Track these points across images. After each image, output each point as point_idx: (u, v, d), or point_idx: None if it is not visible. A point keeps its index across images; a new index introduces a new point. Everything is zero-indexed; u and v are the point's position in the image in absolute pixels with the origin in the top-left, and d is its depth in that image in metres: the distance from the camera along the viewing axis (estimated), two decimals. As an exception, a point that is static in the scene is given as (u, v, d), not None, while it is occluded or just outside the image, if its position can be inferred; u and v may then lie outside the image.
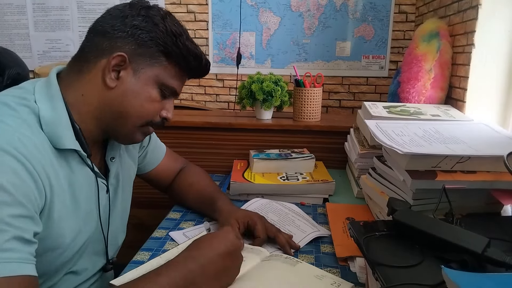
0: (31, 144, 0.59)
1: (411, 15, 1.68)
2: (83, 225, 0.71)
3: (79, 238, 0.70)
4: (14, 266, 0.52)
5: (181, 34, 0.71)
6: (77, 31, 1.84)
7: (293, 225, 0.90)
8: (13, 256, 0.52)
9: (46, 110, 0.64)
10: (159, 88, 0.72)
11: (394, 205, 0.63)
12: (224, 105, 1.84)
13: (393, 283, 0.48)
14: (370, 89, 1.76)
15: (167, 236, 0.88)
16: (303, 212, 0.97)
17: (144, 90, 0.70)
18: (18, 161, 0.56)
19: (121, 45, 0.68)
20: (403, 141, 0.80)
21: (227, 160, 1.35)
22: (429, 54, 1.14)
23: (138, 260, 0.79)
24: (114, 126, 0.72)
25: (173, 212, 1.02)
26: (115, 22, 0.69)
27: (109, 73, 0.68)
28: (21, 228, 0.54)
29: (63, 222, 0.65)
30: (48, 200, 0.61)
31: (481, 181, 0.70)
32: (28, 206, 0.56)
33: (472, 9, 1.05)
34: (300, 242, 0.83)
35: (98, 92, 0.69)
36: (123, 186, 0.84)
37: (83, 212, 0.71)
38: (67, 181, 0.67)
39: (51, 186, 0.62)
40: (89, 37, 0.71)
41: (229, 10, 1.74)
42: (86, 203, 0.72)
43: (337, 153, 1.31)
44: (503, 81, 1.01)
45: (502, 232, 0.61)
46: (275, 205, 1.00)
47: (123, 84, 0.69)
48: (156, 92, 0.72)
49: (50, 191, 0.62)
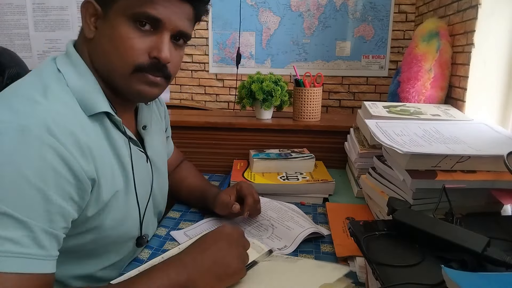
0: (69, 122, 0.57)
1: (411, 15, 1.68)
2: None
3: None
4: (31, 262, 0.51)
5: None
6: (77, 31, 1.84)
7: (292, 221, 0.90)
8: (26, 252, 0.51)
9: (74, 79, 0.63)
10: (132, 21, 0.63)
11: (394, 205, 0.63)
12: (224, 105, 1.84)
13: (393, 283, 0.48)
14: (370, 89, 1.76)
15: (167, 235, 0.88)
16: (302, 212, 0.97)
17: (115, 29, 0.63)
18: (49, 147, 0.53)
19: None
20: (403, 140, 0.80)
21: (227, 160, 1.35)
22: (429, 54, 1.14)
23: (138, 259, 0.79)
24: (111, 81, 0.67)
25: (173, 211, 1.02)
26: None
27: (86, 24, 0.65)
28: (41, 223, 0.53)
29: (115, 199, 0.65)
30: (96, 177, 0.60)
31: (481, 181, 0.70)
32: (55, 198, 0.54)
33: (471, 8, 1.05)
34: (298, 236, 0.84)
35: (85, 48, 0.67)
36: (160, 157, 0.84)
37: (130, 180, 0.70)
38: (107, 151, 0.65)
39: (95, 163, 0.60)
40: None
41: (229, 10, 1.73)
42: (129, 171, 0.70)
43: (337, 153, 1.31)
44: (503, 80, 1.01)
45: (502, 232, 0.61)
46: (275, 203, 1.00)
47: (100, 31, 0.65)
48: (128, 26, 0.63)
49: (95, 169, 0.60)
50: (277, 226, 0.89)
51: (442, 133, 0.86)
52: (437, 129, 0.88)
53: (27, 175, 0.51)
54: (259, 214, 0.93)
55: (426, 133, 0.85)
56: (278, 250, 0.81)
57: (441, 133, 0.86)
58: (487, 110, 1.03)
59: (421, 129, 0.88)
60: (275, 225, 0.89)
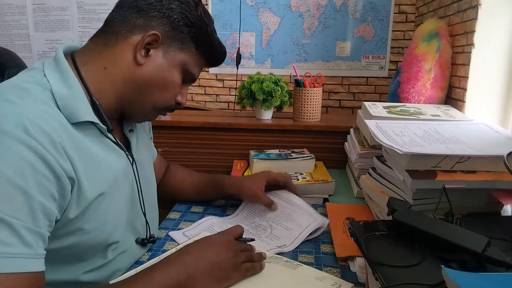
0: (44, 123, 0.56)
1: (411, 15, 1.68)
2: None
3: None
4: (19, 262, 0.51)
5: (210, 23, 0.74)
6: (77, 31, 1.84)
7: (290, 221, 0.89)
8: (12, 251, 0.50)
9: (58, 85, 0.63)
10: (182, 73, 0.73)
11: (394, 205, 0.63)
12: (224, 105, 1.84)
13: (393, 283, 0.48)
14: (370, 89, 1.76)
15: (167, 236, 0.88)
16: (303, 201, 0.95)
17: (170, 73, 0.71)
18: (26, 146, 0.53)
19: (156, 24, 0.69)
20: (403, 141, 0.80)
21: (227, 160, 1.35)
22: (429, 54, 1.14)
23: (137, 260, 0.79)
24: (133, 103, 0.72)
25: (173, 212, 1.02)
26: (151, 1, 0.69)
27: (140, 49, 0.68)
28: (25, 221, 0.52)
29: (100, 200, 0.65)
30: (75, 177, 0.59)
31: (481, 181, 0.70)
32: (36, 195, 0.53)
33: (472, 9, 1.05)
34: (298, 238, 0.83)
35: (124, 66, 0.68)
36: (146, 159, 0.85)
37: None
38: (90, 155, 0.64)
39: (72, 163, 0.59)
40: (120, 11, 0.70)
41: (229, 10, 1.73)
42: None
43: (337, 153, 1.31)
44: (503, 81, 1.01)
45: (502, 232, 0.61)
46: (274, 199, 0.99)
47: (151, 62, 0.69)
48: (179, 76, 0.73)
49: (73, 169, 0.59)
50: (275, 227, 0.89)
51: (442, 134, 0.86)
52: (437, 130, 0.88)
53: (6, 174, 0.51)
54: (258, 215, 0.95)
55: (426, 134, 0.85)
56: (278, 247, 0.81)
57: (441, 134, 0.86)
58: (487, 111, 1.03)
59: (421, 130, 0.88)
60: (273, 226, 0.89)
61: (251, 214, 0.96)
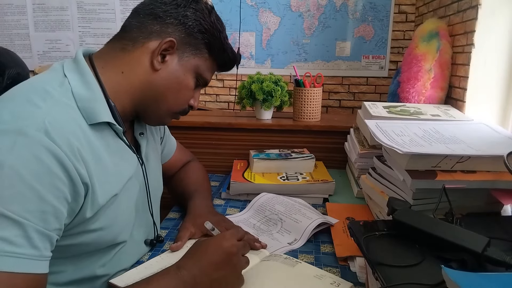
0: (65, 126, 0.58)
1: (411, 15, 1.68)
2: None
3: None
4: (23, 262, 0.51)
5: (223, 30, 0.76)
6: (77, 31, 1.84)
7: (299, 214, 0.91)
8: (18, 252, 0.51)
9: (79, 86, 0.64)
10: (195, 78, 0.75)
11: (394, 205, 0.63)
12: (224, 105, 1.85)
13: (393, 283, 0.48)
14: (370, 89, 1.76)
15: (167, 236, 0.88)
16: (309, 205, 0.98)
17: (185, 77, 0.73)
18: (46, 149, 0.54)
19: (172, 31, 0.70)
20: (403, 141, 0.80)
21: (227, 160, 1.35)
22: (429, 54, 1.14)
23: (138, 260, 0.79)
24: (148, 107, 0.73)
25: (173, 212, 1.02)
26: (168, 8, 0.71)
27: (157, 55, 0.69)
28: (36, 223, 0.53)
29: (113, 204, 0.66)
30: (89, 182, 0.60)
31: (481, 181, 0.70)
32: (50, 199, 0.54)
33: (472, 9, 1.05)
34: (307, 229, 0.85)
35: (141, 71, 0.70)
36: (154, 162, 0.86)
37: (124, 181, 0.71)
38: (104, 157, 0.65)
39: (87, 168, 0.60)
40: (137, 18, 0.71)
41: (229, 10, 1.74)
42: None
43: (337, 153, 1.31)
44: (503, 80, 1.01)
45: (502, 232, 0.61)
46: (281, 198, 1.01)
47: (167, 68, 0.71)
48: (193, 81, 0.75)
49: (88, 174, 0.60)
50: (285, 219, 0.90)
51: (442, 133, 0.86)
52: (437, 129, 0.88)
53: (23, 175, 0.52)
54: (267, 209, 0.95)
55: (426, 133, 0.85)
56: (289, 244, 0.82)
57: (441, 133, 0.86)
58: (487, 110, 1.03)
59: (421, 129, 0.88)
60: (283, 219, 0.91)
61: (262, 209, 0.97)
